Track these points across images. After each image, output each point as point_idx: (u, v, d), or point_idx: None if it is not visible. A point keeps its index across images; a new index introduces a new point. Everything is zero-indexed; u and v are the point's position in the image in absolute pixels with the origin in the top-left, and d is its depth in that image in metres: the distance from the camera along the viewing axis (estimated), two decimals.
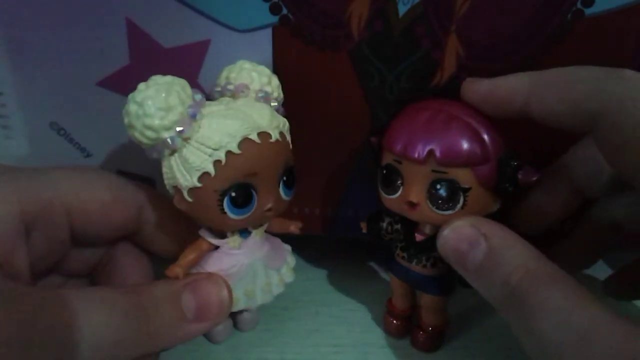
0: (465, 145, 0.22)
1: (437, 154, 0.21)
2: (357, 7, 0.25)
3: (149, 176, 0.30)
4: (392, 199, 0.24)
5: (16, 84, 0.27)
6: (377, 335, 0.28)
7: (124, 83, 0.27)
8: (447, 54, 0.26)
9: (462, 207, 0.22)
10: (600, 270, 0.30)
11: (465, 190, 0.22)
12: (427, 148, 0.22)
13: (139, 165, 0.29)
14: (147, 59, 0.26)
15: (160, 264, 0.26)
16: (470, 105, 0.23)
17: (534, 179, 0.22)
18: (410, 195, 0.22)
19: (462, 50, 0.25)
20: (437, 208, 0.22)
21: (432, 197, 0.22)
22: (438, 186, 0.22)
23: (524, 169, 0.22)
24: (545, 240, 0.25)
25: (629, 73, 0.19)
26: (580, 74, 0.20)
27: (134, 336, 0.20)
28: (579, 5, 0.24)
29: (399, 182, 0.23)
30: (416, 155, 0.22)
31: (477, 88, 0.23)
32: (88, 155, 0.29)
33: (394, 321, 0.28)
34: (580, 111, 0.20)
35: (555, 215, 0.26)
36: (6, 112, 0.28)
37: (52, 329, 0.18)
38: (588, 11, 0.24)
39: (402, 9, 0.25)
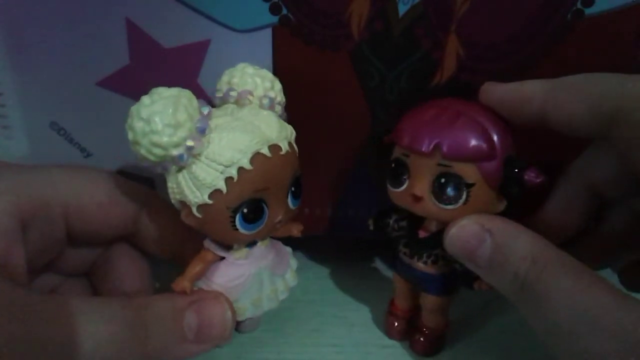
0: (471, 140, 0.22)
1: (444, 147, 0.22)
2: (357, 7, 0.25)
3: (149, 176, 0.30)
4: (397, 192, 0.24)
5: (16, 84, 0.27)
6: (377, 335, 0.28)
7: (124, 83, 0.27)
8: (447, 54, 0.26)
9: (464, 203, 0.22)
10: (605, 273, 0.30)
11: (469, 186, 0.22)
12: (434, 141, 0.22)
13: (139, 166, 0.29)
14: (147, 59, 0.26)
15: (161, 266, 0.26)
16: (482, 105, 0.23)
17: (539, 180, 0.22)
18: (414, 188, 0.23)
19: (462, 50, 0.25)
20: (440, 202, 0.22)
21: (436, 190, 0.22)
22: (442, 180, 0.22)
23: (531, 170, 0.22)
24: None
25: None
26: (596, 77, 0.21)
27: (134, 352, 0.20)
28: (579, 5, 0.24)
29: (405, 175, 0.23)
30: (423, 147, 0.22)
31: (495, 90, 0.23)
32: (88, 155, 0.29)
33: (396, 323, 0.28)
34: (598, 111, 0.20)
35: (575, 220, 0.25)
36: (6, 112, 0.28)
37: (53, 339, 0.18)
38: (588, 11, 0.24)
39: (402, 9, 0.25)
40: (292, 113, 0.25)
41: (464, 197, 0.22)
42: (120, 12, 0.25)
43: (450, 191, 0.22)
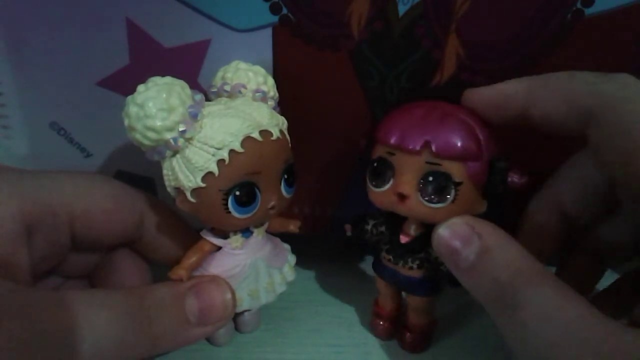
0: (461, 139, 0.22)
1: (433, 145, 0.22)
2: (357, 7, 0.25)
3: (149, 176, 0.30)
4: (381, 192, 0.23)
5: (16, 84, 0.27)
6: None
7: (124, 83, 0.27)
8: (447, 54, 0.26)
9: (452, 202, 0.22)
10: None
11: (457, 185, 0.22)
12: (424, 139, 0.22)
13: (139, 165, 0.29)
14: (147, 59, 0.26)
15: (160, 269, 0.26)
16: (467, 108, 0.23)
17: (522, 181, 0.22)
18: (400, 186, 0.22)
19: (462, 50, 0.26)
20: (427, 201, 0.22)
21: (424, 189, 0.22)
22: (430, 178, 0.22)
23: (514, 171, 0.22)
24: None
25: (621, 76, 0.20)
26: (576, 75, 0.21)
27: (136, 339, 0.20)
28: (579, 5, 0.24)
29: (389, 174, 0.23)
30: (412, 145, 0.22)
31: (479, 94, 0.23)
32: (88, 155, 0.29)
33: (381, 322, 0.28)
34: (577, 107, 0.20)
35: (548, 247, 0.25)
36: (6, 112, 0.28)
37: (53, 331, 0.18)
38: (588, 11, 0.24)
39: (402, 9, 0.25)
40: (292, 112, 0.25)
41: (452, 195, 0.22)
42: (120, 12, 0.25)
43: (438, 190, 0.22)
